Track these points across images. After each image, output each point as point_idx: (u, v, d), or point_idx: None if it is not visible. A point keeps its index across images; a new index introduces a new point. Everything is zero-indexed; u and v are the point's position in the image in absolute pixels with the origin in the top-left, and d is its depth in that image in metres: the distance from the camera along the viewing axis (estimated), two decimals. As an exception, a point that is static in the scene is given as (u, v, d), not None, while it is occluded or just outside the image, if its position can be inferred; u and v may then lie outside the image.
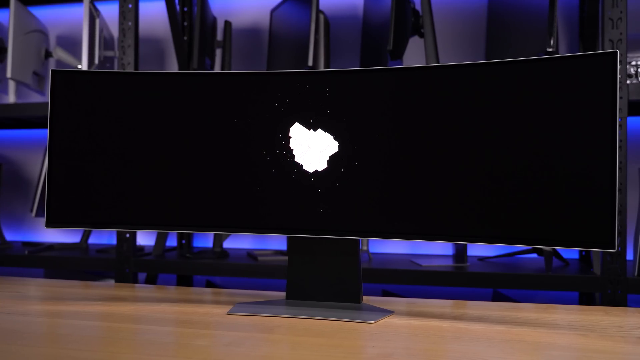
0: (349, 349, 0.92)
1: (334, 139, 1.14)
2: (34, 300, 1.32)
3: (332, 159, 1.14)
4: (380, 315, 1.10)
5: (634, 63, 1.71)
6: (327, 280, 1.18)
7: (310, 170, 1.15)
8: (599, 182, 0.99)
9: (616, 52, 0.98)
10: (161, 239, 2.06)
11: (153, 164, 1.21)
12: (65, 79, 1.24)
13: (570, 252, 2.00)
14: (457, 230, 1.08)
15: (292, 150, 1.16)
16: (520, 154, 1.04)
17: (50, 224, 1.23)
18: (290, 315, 1.10)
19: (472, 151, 1.07)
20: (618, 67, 0.98)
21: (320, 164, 1.15)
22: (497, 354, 0.89)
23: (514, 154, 1.04)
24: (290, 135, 1.17)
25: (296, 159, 1.16)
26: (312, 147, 1.15)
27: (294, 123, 1.16)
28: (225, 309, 1.18)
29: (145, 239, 2.29)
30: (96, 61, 2.10)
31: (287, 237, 1.20)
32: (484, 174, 1.06)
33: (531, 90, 1.04)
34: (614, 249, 0.97)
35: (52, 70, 1.24)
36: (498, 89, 1.07)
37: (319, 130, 1.15)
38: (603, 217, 0.99)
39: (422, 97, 1.11)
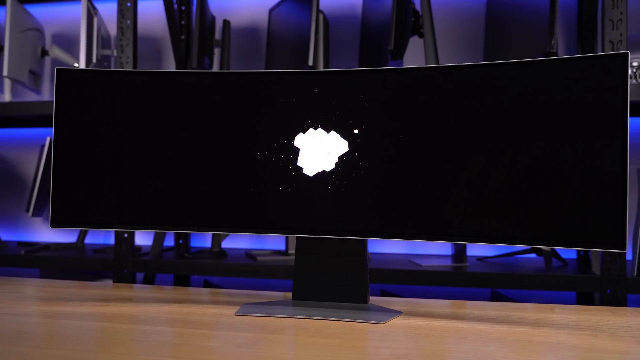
0: (362, 350, 0.92)
1: (342, 139, 1.14)
2: (34, 301, 1.31)
3: (339, 160, 1.14)
4: (389, 315, 1.10)
5: (632, 64, 1.72)
6: (334, 280, 1.18)
7: (317, 170, 1.15)
8: (609, 182, 0.99)
9: (627, 53, 0.99)
10: (159, 238, 2.05)
11: (154, 163, 1.20)
12: (69, 77, 1.23)
13: (568, 252, 2.01)
14: (468, 231, 1.08)
15: (299, 150, 1.16)
16: (529, 154, 1.04)
17: (54, 224, 1.22)
18: (299, 316, 1.10)
19: (479, 152, 1.07)
20: (629, 68, 0.98)
21: (327, 165, 1.15)
22: (510, 354, 0.89)
23: (523, 154, 1.05)
24: (296, 135, 1.16)
25: (302, 159, 1.16)
26: (319, 148, 1.15)
27: (300, 123, 1.16)
28: (231, 309, 1.17)
29: (142, 239, 2.28)
30: (94, 60, 2.09)
31: (295, 237, 1.19)
32: (494, 174, 1.06)
33: (538, 90, 1.05)
34: (625, 249, 0.98)
35: (56, 69, 1.23)
36: (504, 90, 1.07)
37: (326, 131, 1.15)
38: (613, 218, 0.99)
39: (430, 97, 1.11)
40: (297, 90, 1.16)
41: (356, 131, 1.13)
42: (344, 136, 1.14)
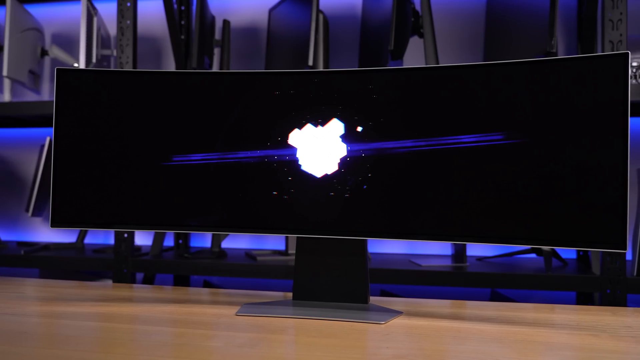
0: (363, 350, 0.92)
1: (342, 139, 1.14)
2: (34, 301, 1.31)
3: (340, 160, 1.14)
4: (390, 315, 1.10)
5: (632, 64, 1.72)
6: (334, 280, 1.18)
7: (318, 170, 1.15)
8: (609, 182, 0.99)
9: (627, 53, 0.99)
10: (159, 238, 2.05)
11: (154, 163, 1.20)
12: (69, 77, 1.23)
13: (568, 252, 2.01)
14: (468, 231, 1.08)
15: (299, 150, 1.16)
16: (529, 154, 1.04)
17: (55, 224, 1.22)
18: (299, 316, 1.10)
19: (479, 152, 1.07)
20: (630, 68, 0.98)
21: (328, 165, 1.15)
22: (511, 355, 0.89)
23: (523, 154, 1.05)
24: (297, 135, 1.16)
25: (303, 160, 1.16)
26: (320, 148, 1.15)
27: (302, 122, 1.16)
28: (231, 309, 1.17)
29: (142, 239, 2.27)
30: (93, 60, 2.09)
31: (295, 237, 1.19)
32: (494, 174, 1.06)
33: (538, 90, 1.05)
34: (625, 249, 0.98)
35: (57, 69, 1.23)
36: (504, 90, 1.07)
37: (327, 130, 1.15)
38: (613, 218, 0.99)
39: (431, 97, 1.11)
40: (303, 90, 1.16)
41: (362, 131, 1.13)
42: (349, 136, 1.14)
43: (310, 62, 1.84)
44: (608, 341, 0.96)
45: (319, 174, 1.15)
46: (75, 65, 2.26)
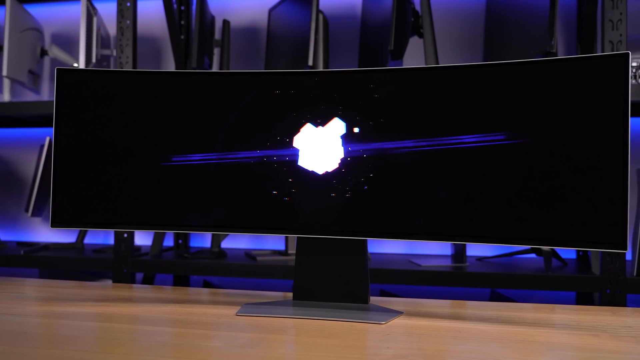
0: (363, 350, 0.92)
1: (343, 139, 1.14)
2: (34, 301, 1.31)
3: (340, 160, 1.14)
4: (390, 316, 1.10)
5: (632, 64, 1.72)
6: (334, 280, 1.18)
7: (318, 170, 1.15)
8: (609, 182, 0.99)
9: (628, 53, 0.99)
10: (158, 238, 2.05)
11: (154, 163, 1.20)
12: (70, 77, 1.23)
13: (568, 252, 2.01)
14: (468, 231, 1.08)
15: (300, 150, 1.16)
16: (529, 154, 1.04)
17: (55, 224, 1.22)
18: (300, 316, 1.10)
19: (479, 152, 1.07)
20: (630, 68, 0.98)
21: (328, 165, 1.15)
22: (511, 355, 0.89)
23: (523, 154, 1.05)
24: (298, 135, 1.16)
25: (304, 159, 1.16)
26: (320, 148, 1.15)
27: (303, 122, 1.16)
28: (232, 309, 1.17)
29: (142, 239, 2.27)
30: (93, 59, 2.09)
31: (296, 237, 1.19)
32: (494, 174, 1.06)
33: (538, 90, 1.05)
34: (626, 249, 0.98)
35: (57, 69, 1.22)
36: (504, 90, 1.07)
37: (328, 130, 1.15)
38: (614, 218, 0.99)
39: (431, 98, 1.11)
40: (303, 90, 1.16)
41: (362, 131, 1.13)
42: (349, 136, 1.14)
43: (310, 62, 1.84)
44: (608, 341, 0.96)
45: (319, 173, 1.15)
46: (75, 65, 2.26)
